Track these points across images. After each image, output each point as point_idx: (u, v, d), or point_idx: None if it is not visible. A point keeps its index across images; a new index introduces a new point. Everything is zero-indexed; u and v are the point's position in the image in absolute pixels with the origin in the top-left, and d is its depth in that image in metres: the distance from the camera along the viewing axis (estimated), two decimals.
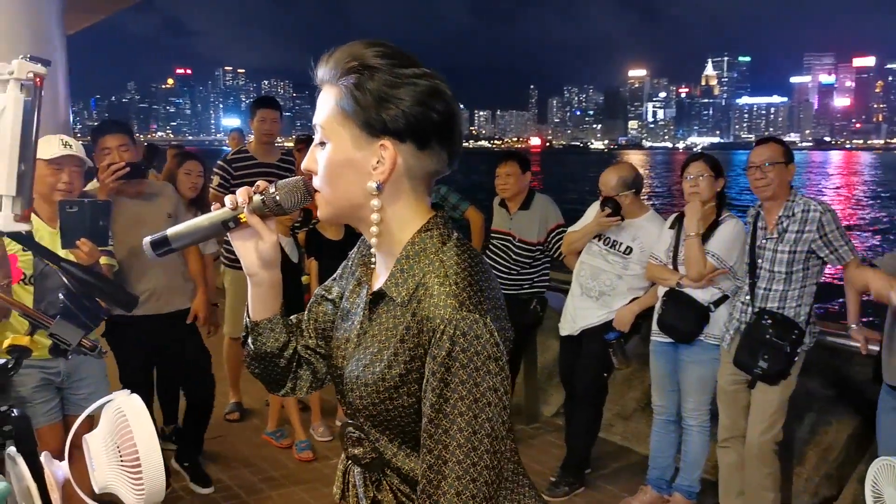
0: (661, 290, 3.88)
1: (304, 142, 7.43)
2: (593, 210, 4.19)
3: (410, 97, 1.20)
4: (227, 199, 1.32)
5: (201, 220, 1.34)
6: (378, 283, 1.32)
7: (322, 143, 1.27)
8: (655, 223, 4.10)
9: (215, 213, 1.33)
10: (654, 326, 3.90)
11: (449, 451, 1.14)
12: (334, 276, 1.49)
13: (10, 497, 1.52)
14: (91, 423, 1.58)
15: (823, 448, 4.12)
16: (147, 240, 1.32)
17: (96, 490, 1.51)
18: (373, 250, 1.32)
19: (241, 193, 1.31)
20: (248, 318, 1.42)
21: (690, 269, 3.71)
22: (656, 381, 4.01)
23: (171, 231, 1.32)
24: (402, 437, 1.26)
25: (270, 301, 1.41)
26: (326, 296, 1.47)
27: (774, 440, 3.55)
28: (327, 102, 1.25)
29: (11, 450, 1.59)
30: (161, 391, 4.47)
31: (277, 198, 1.30)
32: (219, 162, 5.09)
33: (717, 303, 3.74)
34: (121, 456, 1.47)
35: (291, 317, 1.49)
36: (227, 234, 1.35)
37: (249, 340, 1.43)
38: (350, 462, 1.39)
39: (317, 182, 1.29)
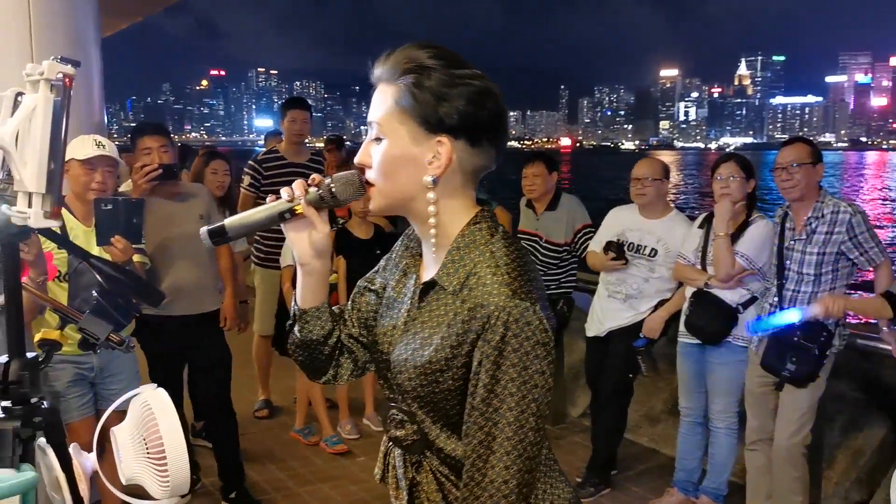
0: (689, 291, 3.86)
1: (334, 142, 7.48)
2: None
3: (465, 96, 1.27)
4: (284, 191, 1.36)
5: (258, 211, 1.38)
6: (427, 272, 1.38)
7: (377, 139, 1.32)
8: (679, 223, 4.08)
9: (272, 205, 1.37)
10: (682, 328, 3.88)
11: (499, 427, 1.23)
12: (376, 268, 1.54)
13: (39, 487, 1.56)
14: (122, 417, 1.62)
15: (854, 452, 4.06)
16: (204, 229, 1.36)
17: (123, 481, 1.54)
18: (432, 241, 1.35)
19: (298, 186, 1.36)
20: (297, 305, 1.47)
21: (719, 270, 3.68)
22: (683, 382, 3.98)
23: (228, 221, 1.37)
24: (445, 419, 1.33)
25: (319, 290, 1.46)
26: (370, 287, 1.52)
27: (803, 443, 3.50)
28: (384, 101, 1.30)
29: (41, 441, 1.63)
30: (192, 387, 4.52)
31: (333, 189, 1.34)
32: (249, 162, 5.14)
33: (746, 304, 3.71)
34: (147, 448, 1.51)
35: (334, 307, 1.53)
36: (282, 225, 1.39)
37: (296, 328, 1.48)
38: (391, 444, 1.45)
39: (371, 175, 1.34)
